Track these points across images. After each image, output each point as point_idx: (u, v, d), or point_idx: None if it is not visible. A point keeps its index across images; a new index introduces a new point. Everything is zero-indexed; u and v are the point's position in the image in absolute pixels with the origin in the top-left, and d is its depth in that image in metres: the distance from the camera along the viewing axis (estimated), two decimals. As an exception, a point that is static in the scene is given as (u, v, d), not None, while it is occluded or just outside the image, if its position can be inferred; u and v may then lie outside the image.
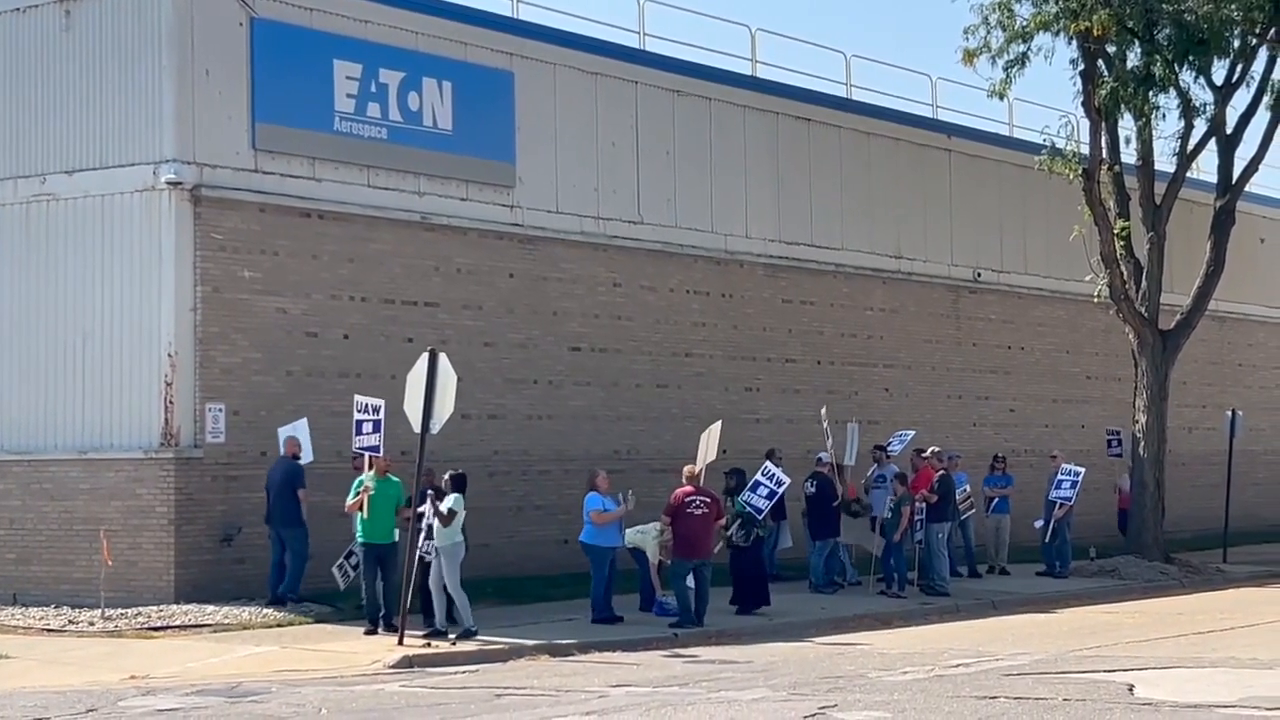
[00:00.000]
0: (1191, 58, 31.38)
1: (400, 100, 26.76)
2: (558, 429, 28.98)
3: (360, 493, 21.80)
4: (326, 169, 25.91)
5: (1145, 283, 32.75)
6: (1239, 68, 32.77)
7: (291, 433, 24.03)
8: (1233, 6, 30.36)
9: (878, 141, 35.34)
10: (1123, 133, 33.12)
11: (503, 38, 28.56)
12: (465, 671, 19.00)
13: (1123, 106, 31.52)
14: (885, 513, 27.01)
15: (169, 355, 23.99)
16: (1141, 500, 32.38)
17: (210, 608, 23.05)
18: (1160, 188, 33.23)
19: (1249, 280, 43.98)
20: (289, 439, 23.96)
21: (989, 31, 30.83)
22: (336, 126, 25.97)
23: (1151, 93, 31.60)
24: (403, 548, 21.39)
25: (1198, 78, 32.49)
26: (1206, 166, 37.24)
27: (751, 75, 33.46)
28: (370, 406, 21.82)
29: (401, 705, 16.14)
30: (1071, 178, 31.54)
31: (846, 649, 20.91)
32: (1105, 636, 22.05)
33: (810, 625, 23.28)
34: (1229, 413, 36.99)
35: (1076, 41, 31.00)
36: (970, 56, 31.01)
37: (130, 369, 24.32)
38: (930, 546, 27.30)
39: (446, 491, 21.42)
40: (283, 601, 23.42)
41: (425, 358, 20.96)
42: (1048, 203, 37.22)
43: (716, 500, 23.67)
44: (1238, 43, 32.16)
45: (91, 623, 22.49)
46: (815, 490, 27.23)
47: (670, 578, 23.22)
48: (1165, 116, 33.18)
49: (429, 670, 19.17)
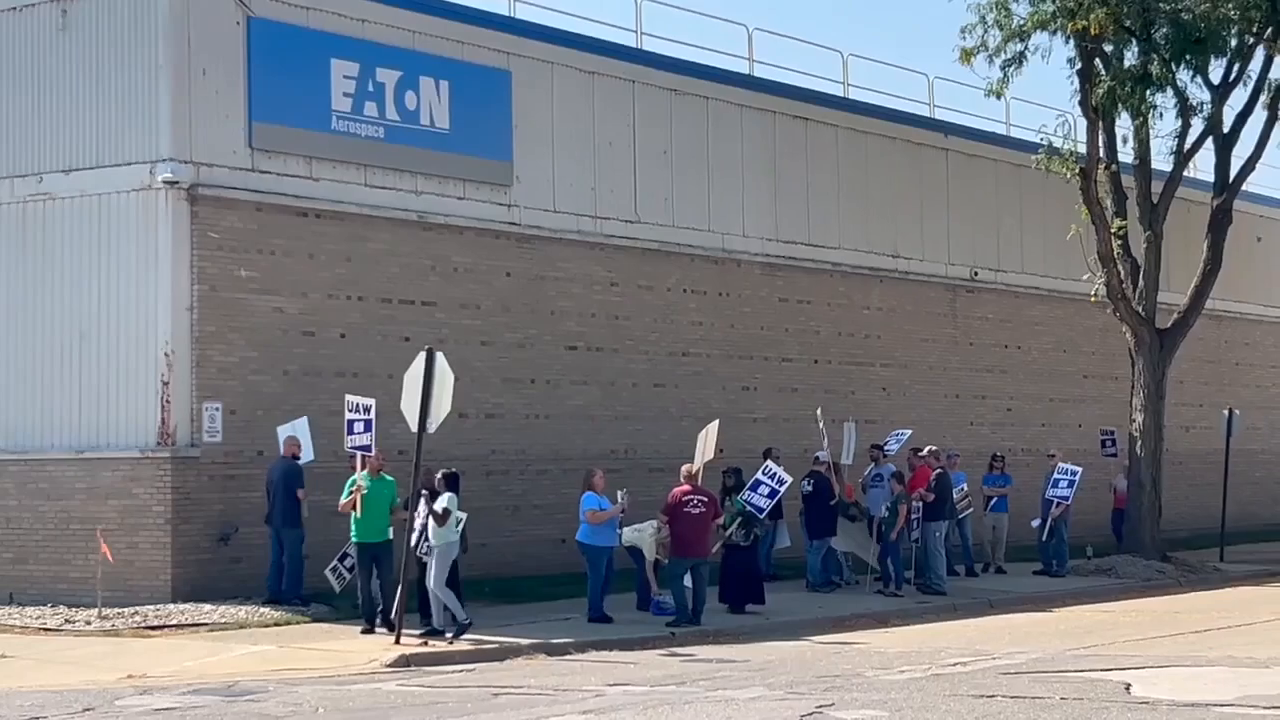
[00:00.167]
0: (1189, 57, 31.37)
1: (397, 99, 26.75)
2: (555, 428, 28.97)
3: (353, 492, 21.82)
4: (323, 168, 25.90)
5: (1142, 282, 32.75)
6: (1236, 67, 32.75)
7: (291, 432, 23.99)
8: (1230, 6, 30.36)
9: (875, 141, 35.34)
10: (1120, 132, 33.15)
11: (500, 37, 28.56)
12: (462, 670, 18.99)
13: (1120, 105, 31.51)
14: (882, 512, 27.02)
15: (166, 354, 23.98)
16: (1138, 499, 32.37)
17: (207, 607, 23.04)
18: (1157, 187, 33.24)
19: (1246, 279, 44.00)
20: (288, 439, 23.92)
21: (986, 30, 30.85)
22: (333, 126, 25.96)
23: (1149, 92, 31.59)
24: (400, 547, 21.38)
25: (1195, 77, 32.50)
26: (1203, 165, 37.27)
27: (749, 74, 33.46)
28: (361, 406, 21.84)
29: (398, 704, 16.13)
30: (1069, 177, 31.52)
31: (844, 648, 20.91)
32: (1102, 635, 22.05)
33: (807, 624, 23.27)
34: (1226, 412, 36.95)
35: (1074, 40, 30.99)
36: (967, 55, 31.01)
37: (127, 368, 24.31)
38: (927, 546, 27.31)
39: (440, 491, 21.42)
40: (280, 600, 23.43)
41: (422, 357, 20.95)
42: (1045, 202, 37.22)
43: (714, 499, 23.67)
44: (1235, 42, 32.13)
45: (88, 622, 22.47)
46: (812, 489, 27.21)
47: (667, 577, 23.21)
48: (1162, 116, 33.28)
49: (426, 669, 19.16)
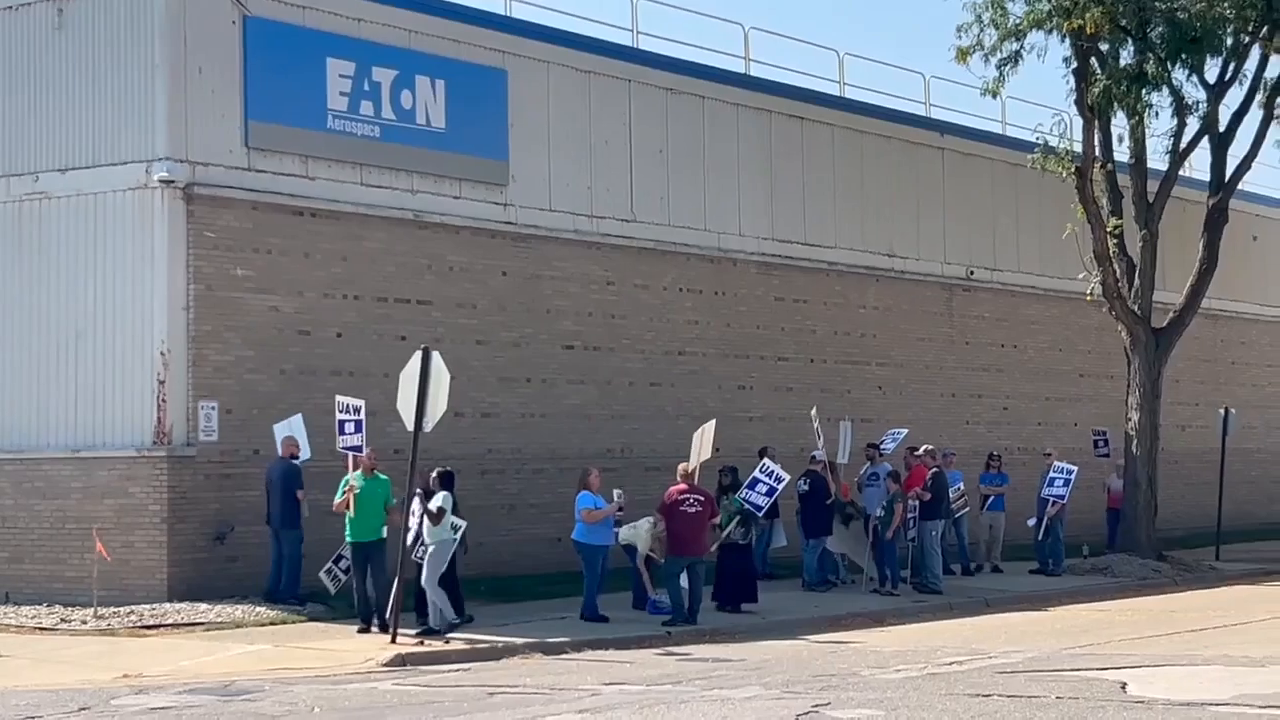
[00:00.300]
0: (1184, 56, 31.40)
1: (393, 98, 26.74)
2: (551, 427, 28.97)
3: (346, 492, 21.81)
4: (319, 167, 25.89)
5: (1138, 281, 32.76)
6: (1231, 66, 32.79)
7: (288, 431, 23.93)
8: (1225, 5, 30.39)
9: (871, 140, 35.34)
10: (1115, 131, 33.17)
11: (496, 36, 28.55)
12: (458, 669, 18.99)
13: (1115, 105, 31.52)
14: (878, 511, 27.02)
15: (162, 353, 23.97)
16: (1134, 498, 32.38)
17: (203, 606, 23.02)
18: (1153, 186, 33.24)
19: (1241, 278, 44.04)
20: (286, 439, 23.84)
21: (982, 29, 30.87)
22: (329, 124, 25.95)
23: (1144, 91, 31.63)
24: (396, 546, 21.35)
25: (1190, 76, 32.52)
26: (1199, 165, 37.32)
27: (745, 73, 33.47)
28: (351, 406, 21.94)
29: (394, 703, 16.12)
30: (1064, 176, 31.52)
31: (840, 647, 20.91)
32: (1098, 634, 22.05)
33: (804, 623, 23.27)
34: (1222, 410, 36.97)
35: (1069, 39, 30.99)
36: (963, 54, 31.04)
37: (123, 367, 24.29)
38: (924, 545, 27.31)
39: (435, 490, 21.41)
40: (277, 599, 23.40)
41: (418, 356, 20.94)
42: (1041, 201, 37.24)
43: (710, 498, 23.66)
44: (1230, 41, 32.17)
45: (84, 621, 22.46)
46: (809, 488, 27.20)
47: (664, 576, 23.21)
48: (1158, 115, 33.26)
49: (422, 668, 19.16)
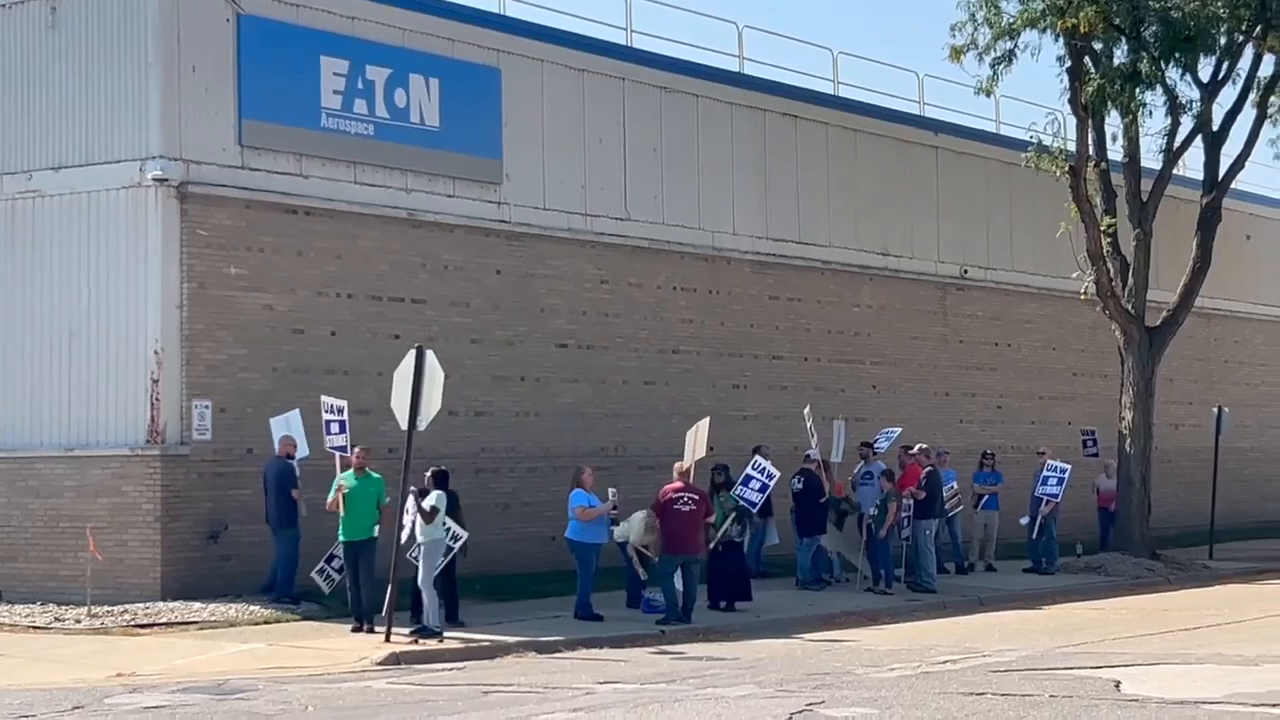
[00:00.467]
0: (1178, 55, 31.39)
1: (387, 97, 26.73)
2: (545, 426, 28.96)
3: (336, 491, 21.80)
4: (313, 165, 25.87)
5: (1131, 279, 32.75)
6: (1225, 65, 32.77)
7: (285, 428, 23.81)
8: (1219, 4, 30.39)
9: (865, 138, 35.35)
10: (1109, 130, 33.19)
11: (490, 34, 28.53)
12: (452, 668, 18.98)
13: (1109, 103, 31.53)
14: (872, 510, 27.02)
15: (155, 352, 23.94)
16: (1128, 497, 32.38)
17: (197, 605, 23.00)
18: (1147, 185, 33.25)
19: (1235, 277, 44.08)
20: (284, 438, 23.72)
21: (976, 28, 30.89)
22: (323, 123, 25.93)
23: (1138, 90, 31.63)
24: (391, 545, 21.33)
25: (1184, 75, 32.52)
26: (1193, 164, 37.28)
27: (739, 72, 33.46)
28: (335, 407, 22.16)
29: (388, 702, 16.11)
30: (1058, 175, 31.56)
31: (834, 646, 20.92)
32: (1092, 633, 22.07)
33: (798, 622, 23.28)
34: (1215, 409, 36.98)
35: (1063, 38, 31.00)
36: (957, 53, 31.05)
37: (116, 366, 24.26)
38: (918, 543, 27.32)
39: (429, 489, 21.40)
40: (272, 594, 23.38)
41: (412, 354, 20.93)
42: (1034, 200, 37.23)
43: (704, 497, 23.65)
44: (1224, 40, 32.17)
45: (78, 620, 22.43)
46: (802, 487, 27.22)
47: (658, 575, 23.19)
48: (1152, 114, 33.31)
49: (416, 667, 19.15)
